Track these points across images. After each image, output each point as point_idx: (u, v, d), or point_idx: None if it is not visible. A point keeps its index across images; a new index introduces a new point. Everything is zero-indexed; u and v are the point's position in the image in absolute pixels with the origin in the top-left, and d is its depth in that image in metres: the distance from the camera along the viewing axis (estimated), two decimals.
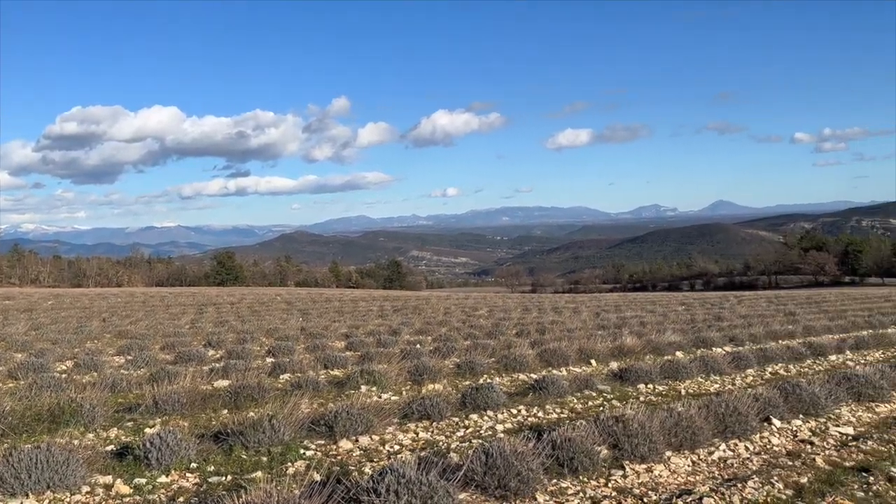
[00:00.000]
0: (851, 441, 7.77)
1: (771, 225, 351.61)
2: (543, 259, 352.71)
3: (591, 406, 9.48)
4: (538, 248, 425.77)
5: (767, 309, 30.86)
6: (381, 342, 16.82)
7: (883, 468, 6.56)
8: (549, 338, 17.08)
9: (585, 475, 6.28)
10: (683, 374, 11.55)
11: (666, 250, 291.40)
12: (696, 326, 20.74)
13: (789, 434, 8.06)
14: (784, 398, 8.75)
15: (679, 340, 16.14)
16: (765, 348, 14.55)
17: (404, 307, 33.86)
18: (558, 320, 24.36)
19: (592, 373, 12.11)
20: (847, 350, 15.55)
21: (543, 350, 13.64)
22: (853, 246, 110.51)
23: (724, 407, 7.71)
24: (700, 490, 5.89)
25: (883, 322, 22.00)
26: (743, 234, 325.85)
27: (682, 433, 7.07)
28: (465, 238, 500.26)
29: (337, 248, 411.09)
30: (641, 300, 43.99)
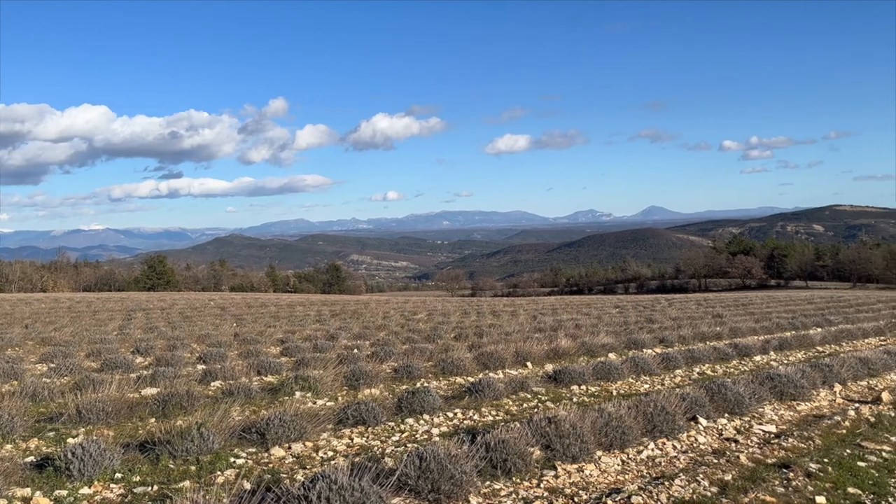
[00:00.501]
0: (774, 439, 8.08)
1: (701, 230, 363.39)
2: (483, 263, 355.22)
3: (526, 408, 9.59)
4: (478, 253, 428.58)
5: (696, 311, 31.85)
6: (318, 347, 16.62)
7: (802, 464, 6.85)
8: (487, 341, 17.21)
9: (518, 476, 6.34)
10: (615, 375, 11.81)
11: (602, 254, 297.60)
12: (629, 328, 21.24)
13: (715, 432, 8.33)
14: (710, 398, 9.04)
15: (612, 342, 16.49)
16: (693, 349, 15.01)
17: (343, 311, 33.54)
18: (496, 323, 24.56)
19: (528, 375, 12.25)
20: (771, 351, 16.18)
21: (481, 353, 13.72)
22: (778, 250, 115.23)
23: (653, 407, 7.92)
24: (629, 489, 6.03)
25: (805, 324, 22.99)
26: (674, 239, 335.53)
27: (613, 433, 7.23)
28: (405, 242, 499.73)
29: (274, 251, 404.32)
30: (577, 303, 44.78)
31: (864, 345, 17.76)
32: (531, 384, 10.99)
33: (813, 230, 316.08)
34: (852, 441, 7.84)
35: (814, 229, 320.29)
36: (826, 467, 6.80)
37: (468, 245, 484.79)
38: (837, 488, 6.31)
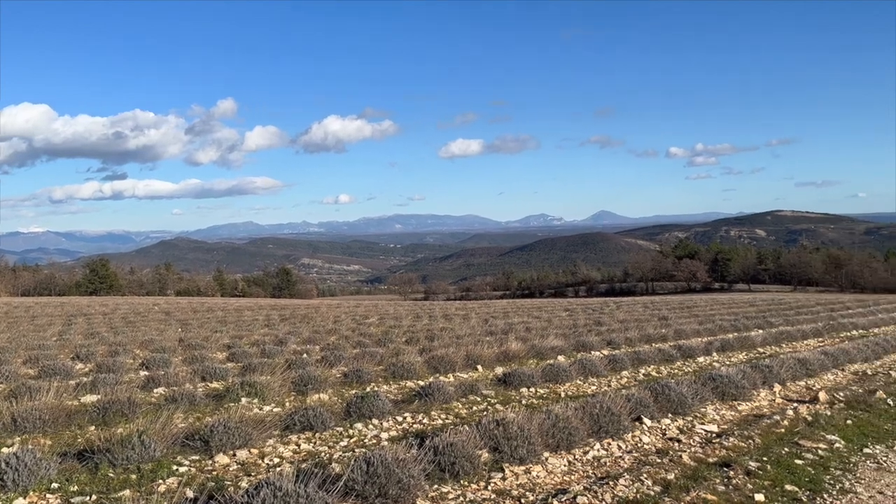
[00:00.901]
0: (715, 438, 8.28)
1: (648, 234, 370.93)
2: (436, 267, 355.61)
3: (476, 411, 9.62)
4: (431, 256, 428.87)
5: (643, 314, 32.48)
6: (266, 352, 16.37)
7: (742, 463, 7.04)
8: (438, 345, 17.21)
9: (466, 479, 6.35)
10: (563, 378, 11.95)
11: (553, 258, 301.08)
12: (578, 331, 21.53)
13: (659, 432, 8.50)
14: (654, 398, 9.22)
15: (561, 345, 16.68)
16: (639, 351, 15.30)
17: (292, 316, 33.13)
18: (448, 327, 24.60)
19: (478, 378, 12.30)
20: (714, 352, 16.60)
21: (431, 357, 13.72)
22: (722, 254, 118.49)
23: (599, 408, 8.04)
24: (574, 489, 6.10)
25: (747, 325, 23.66)
26: (623, 243, 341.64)
27: (560, 434, 7.30)
28: (357, 245, 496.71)
29: (222, 255, 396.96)
30: (529, 306, 45.19)
31: (803, 346, 18.37)
32: (481, 387, 11.03)
33: (755, 235, 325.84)
34: (790, 440, 8.08)
35: (756, 234, 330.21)
36: (765, 466, 7.00)
37: (421, 249, 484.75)
38: (776, 486, 6.50)
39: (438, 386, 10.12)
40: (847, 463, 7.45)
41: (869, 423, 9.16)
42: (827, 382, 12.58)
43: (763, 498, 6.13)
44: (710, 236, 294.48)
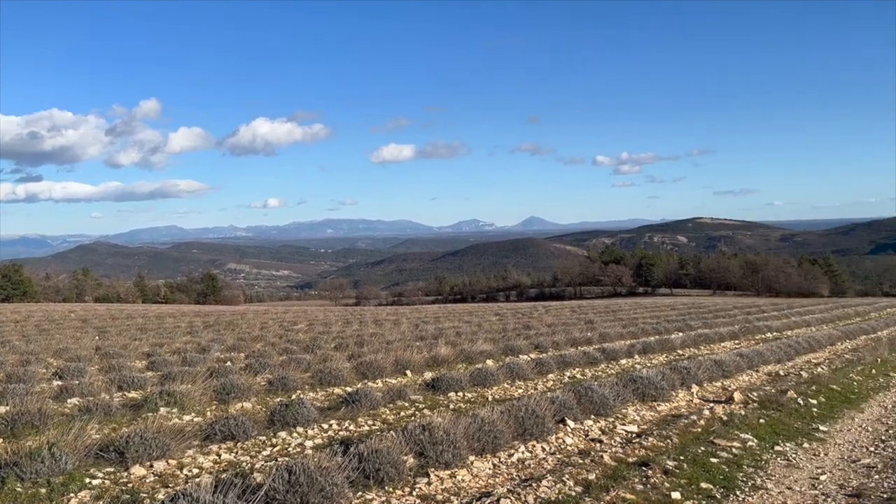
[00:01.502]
0: (635, 438, 8.50)
1: (576, 240, 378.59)
2: (368, 272, 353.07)
3: (404, 416, 9.59)
4: (363, 261, 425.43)
5: (571, 318, 33.15)
6: (188, 361, 15.87)
7: (660, 462, 7.24)
8: (368, 350, 17.08)
9: (391, 485, 6.32)
10: (491, 381, 12.05)
11: (485, 263, 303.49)
12: (507, 335, 21.76)
13: (582, 434, 8.67)
14: (578, 400, 9.41)
15: (490, 349, 16.83)
16: (565, 354, 15.59)
17: (217, 323, 32.26)
18: (378, 332, 24.45)
19: (407, 383, 12.27)
20: (636, 354, 17.08)
21: (360, 363, 13.61)
22: (646, 260, 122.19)
23: (524, 411, 8.14)
24: (498, 492, 6.15)
25: (668, 328, 24.46)
26: (552, 249, 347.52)
27: (485, 438, 7.35)
28: (287, 250, 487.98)
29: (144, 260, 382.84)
30: (460, 311, 45.42)
31: (720, 348, 19.11)
32: (409, 393, 11.00)
33: (678, 241, 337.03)
34: (706, 439, 8.38)
35: (678, 240, 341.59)
36: (682, 464, 7.23)
37: (353, 254, 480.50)
38: (692, 484, 6.73)
39: (366, 392, 10.04)
40: (759, 460, 7.78)
41: (780, 421, 9.59)
42: (742, 383, 13.13)
43: (679, 496, 6.33)
44: (634, 242, 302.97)
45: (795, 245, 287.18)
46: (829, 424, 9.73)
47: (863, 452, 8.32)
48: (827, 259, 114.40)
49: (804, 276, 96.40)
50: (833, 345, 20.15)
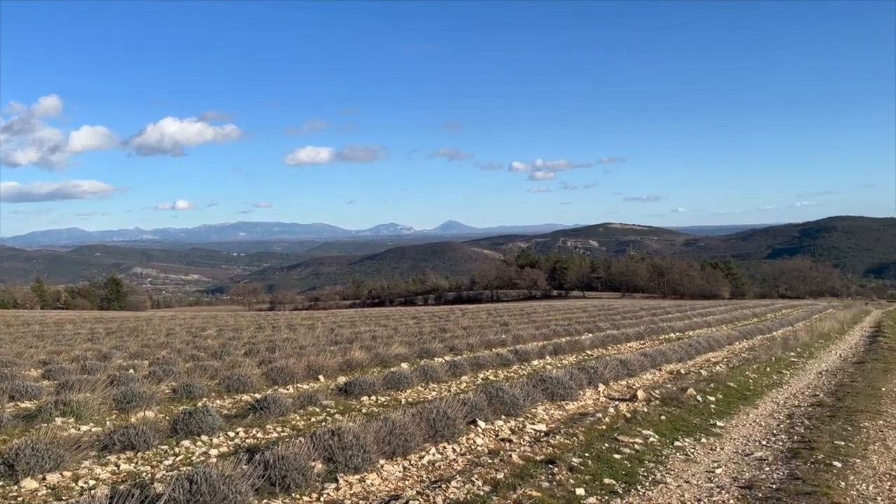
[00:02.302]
0: (543, 437, 8.68)
1: (493, 244, 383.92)
2: (283, 276, 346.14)
3: (314, 422, 9.43)
4: (278, 265, 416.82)
5: (486, 320, 33.55)
6: (87, 368, 15.09)
7: (566, 459, 7.42)
8: (279, 356, 16.72)
9: (298, 492, 6.20)
10: (405, 384, 12.04)
11: (403, 267, 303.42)
12: (423, 338, 21.80)
13: (492, 434, 8.78)
14: (489, 401, 9.52)
15: (405, 352, 16.82)
16: (479, 356, 15.75)
17: (120, 329, 30.87)
18: (292, 337, 24.00)
19: (319, 389, 12.09)
20: (547, 355, 17.45)
21: (271, 368, 13.30)
22: (560, 263, 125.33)
23: (436, 413, 8.16)
24: (408, 494, 6.14)
25: (579, 330, 25.12)
26: (470, 253, 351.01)
27: (396, 441, 7.33)
28: (197, 254, 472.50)
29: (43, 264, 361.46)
30: (377, 315, 45.20)
31: (626, 348, 19.78)
32: (321, 398, 10.84)
33: (590, 245, 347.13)
34: (611, 436, 8.64)
35: (590, 244, 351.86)
36: (587, 461, 7.43)
37: (267, 257, 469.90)
38: (595, 480, 6.92)
39: (275, 398, 9.82)
40: (660, 456, 8.09)
41: (680, 418, 10.01)
42: (645, 382, 13.62)
43: (583, 492, 6.49)
44: (549, 246, 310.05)
45: (698, 249, 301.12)
46: (725, 420, 10.21)
47: (756, 446, 8.77)
48: (727, 263, 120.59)
49: (706, 279, 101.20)
50: (731, 344, 21.21)
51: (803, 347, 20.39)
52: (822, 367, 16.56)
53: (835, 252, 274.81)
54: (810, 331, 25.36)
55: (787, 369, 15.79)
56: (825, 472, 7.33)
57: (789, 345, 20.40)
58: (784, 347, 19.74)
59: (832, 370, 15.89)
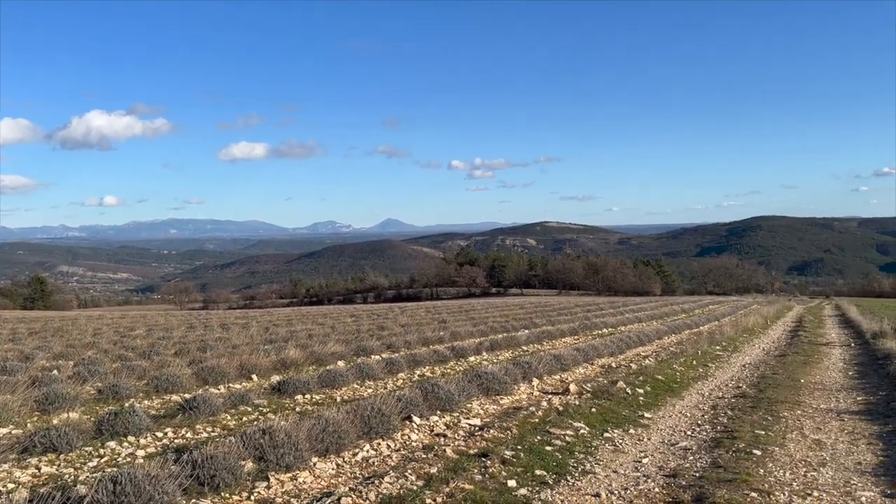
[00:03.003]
0: (478, 431, 8.78)
1: (433, 242, 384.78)
2: (217, 274, 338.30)
3: (246, 421, 9.28)
4: (211, 263, 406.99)
5: (425, 318, 33.62)
6: (7, 370, 14.41)
7: (499, 452, 7.52)
8: (211, 355, 16.35)
9: (228, 491, 6.10)
10: (341, 382, 11.97)
11: (342, 265, 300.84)
12: (360, 336, 21.69)
13: (427, 429, 8.82)
14: (424, 397, 9.57)
15: (342, 350, 16.70)
16: (416, 353, 15.78)
17: (44, 329, 29.63)
18: (225, 337, 23.51)
19: (252, 388, 11.90)
20: (484, 351, 17.62)
21: (202, 368, 13.01)
22: (499, 261, 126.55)
23: (370, 409, 8.15)
24: (340, 491, 6.12)
25: (515, 326, 25.43)
26: (410, 251, 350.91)
27: (329, 438, 7.29)
28: (126, 252, 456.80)
29: None
30: (314, 314, 44.69)
31: (560, 343, 20.14)
32: (253, 397, 10.67)
33: (527, 244, 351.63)
34: (543, 429, 8.80)
35: (528, 243, 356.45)
36: (519, 454, 7.55)
37: (200, 255, 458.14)
38: (527, 472, 7.04)
39: (205, 398, 9.61)
40: (590, 447, 8.29)
41: (610, 410, 10.27)
42: (578, 375, 13.92)
43: (515, 483, 6.60)
44: (488, 244, 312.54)
45: (632, 248, 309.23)
46: (653, 412, 10.54)
47: (681, 436, 9.09)
48: (659, 261, 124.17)
49: (639, 277, 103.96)
50: (660, 339, 21.86)
51: (728, 341, 21.20)
52: (746, 360, 17.26)
53: (760, 250, 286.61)
54: (735, 326, 26.35)
55: (712, 362, 16.39)
56: (746, 460, 7.65)
57: (715, 339, 21.17)
58: (710, 342, 20.48)
59: (755, 363, 16.57)
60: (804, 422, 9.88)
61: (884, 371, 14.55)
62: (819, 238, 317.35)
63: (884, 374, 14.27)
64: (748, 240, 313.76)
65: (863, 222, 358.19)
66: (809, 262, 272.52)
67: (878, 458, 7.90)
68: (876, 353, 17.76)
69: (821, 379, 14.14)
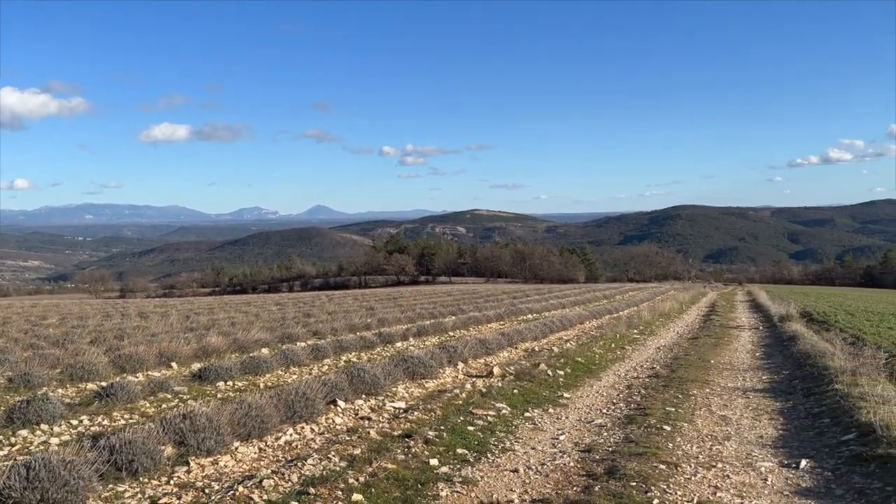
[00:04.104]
0: (402, 413, 8.92)
1: (363, 230, 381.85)
2: (135, 262, 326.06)
3: (165, 408, 9.11)
4: (129, 251, 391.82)
5: (353, 305, 33.52)
6: None
7: (423, 433, 7.68)
8: (129, 343, 15.88)
9: (147, 476, 6.04)
10: (264, 369, 11.88)
11: (268, 253, 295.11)
12: (286, 324, 21.47)
13: (352, 413, 8.90)
14: (350, 381, 9.64)
15: (266, 337, 16.52)
16: (343, 340, 15.79)
17: None
18: (143, 325, 22.83)
19: (172, 376, 11.68)
20: (411, 337, 17.78)
21: (119, 356, 12.65)
22: (428, 249, 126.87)
23: (294, 394, 8.17)
24: (262, 473, 6.14)
25: (443, 313, 25.71)
26: (338, 238, 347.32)
27: (252, 423, 7.28)
28: (37, 238, 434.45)
29: None
30: (238, 302, 43.85)
31: (486, 329, 20.52)
32: (173, 384, 10.48)
33: (457, 231, 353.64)
34: (466, 410, 9.01)
35: (458, 231, 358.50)
36: (442, 434, 7.73)
37: (117, 242, 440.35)
38: (449, 451, 7.23)
39: (123, 385, 9.39)
40: (510, 426, 8.56)
41: (532, 391, 10.59)
42: (502, 359, 14.26)
43: (437, 462, 6.78)
44: (418, 232, 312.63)
45: (558, 236, 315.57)
46: (572, 392, 10.93)
47: (597, 414, 9.48)
48: (584, 249, 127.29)
49: (565, 264, 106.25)
50: (582, 323, 22.56)
51: (645, 325, 22.06)
52: (661, 342, 18.03)
53: (679, 239, 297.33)
54: (653, 311, 27.42)
55: (629, 345, 17.06)
56: (656, 435, 8.07)
57: (633, 323, 21.99)
58: (628, 326, 21.26)
59: (669, 345, 17.35)
60: (712, 399, 10.45)
61: (788, 352, 15.48)
62: (734, 227, 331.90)
63: (788, 354, 15.19)
64: (668, 228, 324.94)
65: (776, 212, 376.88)
66: (725, 250, 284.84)
67: (777, 432, 8.47)
68: (782, 335, 18.86)
69: (730, 360, 14.95)
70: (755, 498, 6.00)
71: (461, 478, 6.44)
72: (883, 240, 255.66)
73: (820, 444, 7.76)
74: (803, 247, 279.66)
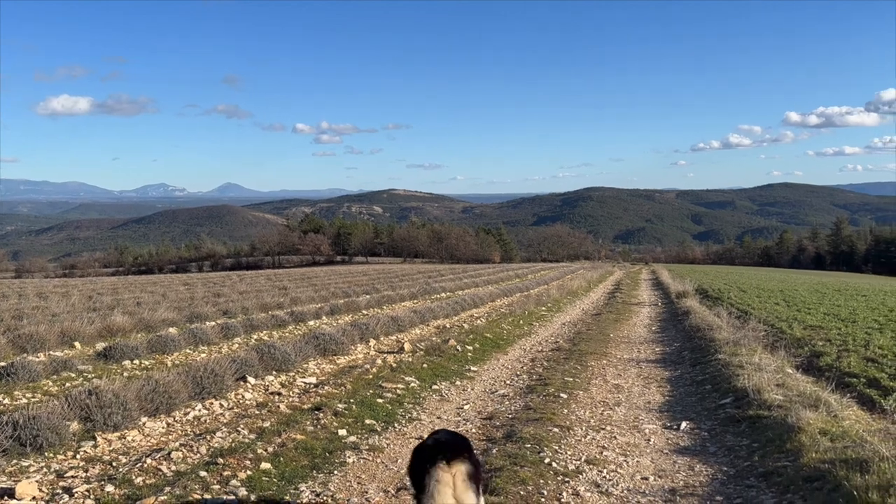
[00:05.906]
0: (313, 388, 9.12)
1: (276, 209, 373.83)
2: (31, 241, 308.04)
3: (70, 387, 8.95)
4: (24, 229, 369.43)
5: (265, 285, 33.12)
6: None
7: (332, 406, 7.92)
8: (28, 323, 15.28)
9: (52, 451, 6.04)
10: (172, 348, 11.78)
11: (175, 231, 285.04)
12: (194, 304, 21.10)
13: (262, 389, 9.04)
14: (260, 358, 9.74)
15: (173, 317, 16.26)
16: (254, 318, 15.74)
17: None
18: (43, 306, 21.87)
19: (76, 355, 11.41)
20: (324, 316, 17.88)
21: (18, 335, 12.21)
22: (344, 229, 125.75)
23: (203, 371, 8.23)
24: (171, 447, 6.24)
25: (357, 292, 25.83)
26: (251, 217, 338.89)
27: (160, 399, 7.32)
28: None
29: None
30: (143, 282, 42.42)
31: (400, 307, 20.81)
32: (77, 363, 10.28)
33: (374, 211, 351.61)
34: (376, 384, 9.31)
35: (374, 210, 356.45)
36: (351, 406, 8.00)
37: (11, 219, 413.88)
38: (357, 422, 7.51)
39: (24, 364, 9.16)
40: (418, 398, 8.92)
41: (441, 365, 10.99)
42: (414, 336, 14.62)
43: (345, 432, 7.05)
44: (334, 212, 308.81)
45: (474, 217, 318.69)
46: (479, 365, 11.41)
47: (501, 385, 9.97)
48: (499, 230, 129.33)
49: (480, 245, 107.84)
50: (493, 301, 23.22)
51: (553, 303, 22.94)
52: (567, 318, 18.86)
53: (590, 220, 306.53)
54: (561, 289, 28.46)
55: (537, 321, 17.77)
56: (553, 403, 8.62)
57: (542, 301, 22.82)
58: (537, 303, 22.06)
59: (574, 321, 18.17)
60: (608, 370, 11.16)
61: (682, 326, 16.54)
62: (642, 209, 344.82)
63: (681, 328, 16.23)
64: (580, 210, 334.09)
65: (680, 194, 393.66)
66: (633, 231, 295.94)
67: (664, 398, 9.18)
68: (678, 310, 20.06)
69: (628, 333, 15.85)
70: (638, 456, 6.58)
71: (368, 446, 6.75)
72: (780, 221, 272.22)
73: (700, 408, 8.49)
74: (706, 228, 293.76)
